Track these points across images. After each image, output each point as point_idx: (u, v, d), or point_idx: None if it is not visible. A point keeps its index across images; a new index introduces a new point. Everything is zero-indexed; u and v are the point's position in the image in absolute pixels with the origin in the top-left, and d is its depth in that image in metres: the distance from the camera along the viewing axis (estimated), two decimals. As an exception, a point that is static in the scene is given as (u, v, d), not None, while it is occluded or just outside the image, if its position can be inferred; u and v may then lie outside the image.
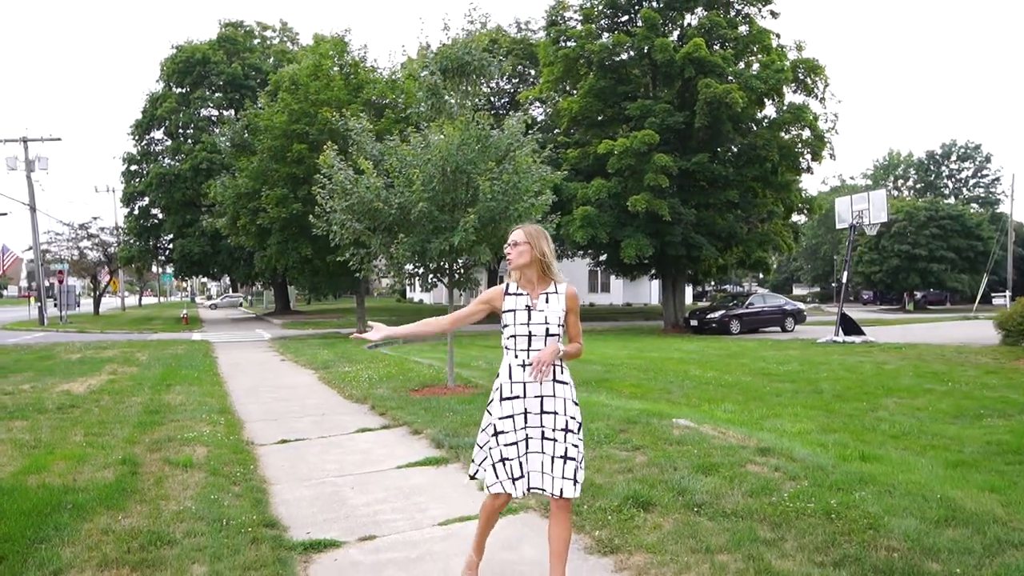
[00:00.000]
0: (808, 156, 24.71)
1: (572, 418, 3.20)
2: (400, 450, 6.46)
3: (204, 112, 38.04)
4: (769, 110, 25.02)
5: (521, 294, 3.26)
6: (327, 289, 24.29)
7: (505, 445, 3.17)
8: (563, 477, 3.10)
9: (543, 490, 3.15)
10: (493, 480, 3.20)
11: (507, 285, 3.31)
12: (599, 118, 25.65)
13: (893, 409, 7.91)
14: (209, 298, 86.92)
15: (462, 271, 9.69)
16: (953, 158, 73.88)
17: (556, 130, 28.30)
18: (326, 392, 10.25)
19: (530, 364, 3.13)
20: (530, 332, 3.20)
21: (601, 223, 22.67)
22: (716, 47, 24.04)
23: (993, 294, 47.34)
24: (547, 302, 3.23)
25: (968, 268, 50.04)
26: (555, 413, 3.19)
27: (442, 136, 8.64)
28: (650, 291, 51.99)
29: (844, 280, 20.04)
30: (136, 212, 38.51)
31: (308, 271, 22.42)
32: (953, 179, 74.50)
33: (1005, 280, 45.43)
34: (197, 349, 17.60)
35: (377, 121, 20.41)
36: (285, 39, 41.13)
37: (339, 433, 7.30)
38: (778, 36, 24.95)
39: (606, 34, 26.05)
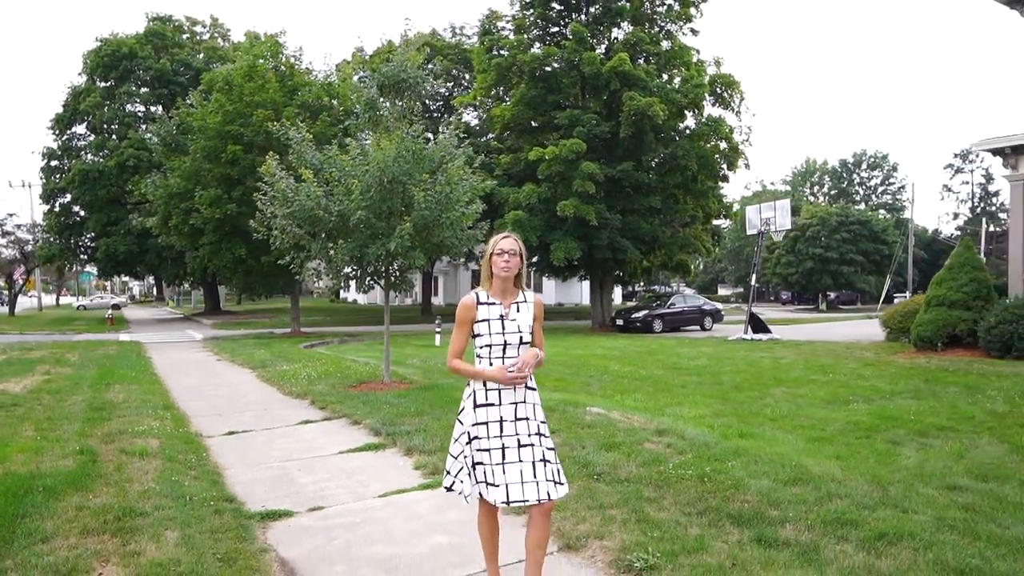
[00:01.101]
0: (724, 166, 26.33)
1: (543, 422, 3.28)
2: (341, 438, 7.11)
3: (130, 107, 37.11)
4: (690, 121, 26.54)
5: (494, 303, 3.24)
6: (262, 289, 24.33)
7: (477, 451, 3.17)
8: (546, 480, 3.13)
9: (526, 501, 3.10)
10: (471, 487, 3.18)
11: (477, 295, 3.27)
12: (531, 124, 26.57)
13: (779, 397, 9.03)
14: (132, 298, 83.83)
15: (398, 274, 10.34)
16: (863, 166, 78.62)
17: (489, 135, 29.12)
18: (266, 389, 10.71)
19: (515, 367, 3.14)
20: (505, 341, 3.20)
21: (532, 227, 23.60)
22: (641, 61, 25.36)
23: (896, 294, 50.82)
24: (519, 311, 3.27)
25: (875, 270, 53.56)
26: (527, 419, 3.22)
27: (379, 148, 9.26)
28: (581, 291, 53.44)
29: (753, 282, 21.67)
30: (57, 209, 37.21)
31: (242, 271, 22.48)
32: (863, 186, 79.25)
33: (906, 281, 48.91)
34: (129, 350, 17.56)
35: (313, 124, 20.76)
36: (216, 35, 40.54)
37: (283, 425, 7.87)
38: (698, 52, 26.51)
39: (538, 44, 27.03)
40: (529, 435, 3.18)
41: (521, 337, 3.22)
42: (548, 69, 24.43)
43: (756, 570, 3.55)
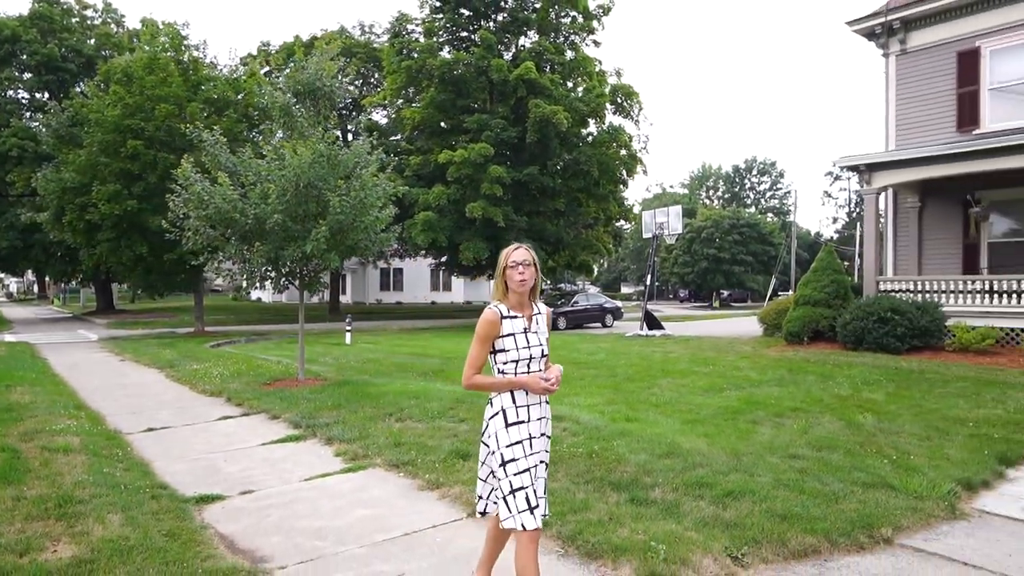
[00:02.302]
0: (624, 172, 27.83)
1: (549, 437, 3.30)
2: (262, 431, 7.53)
3: (12, 94, 34.86)
4: (592, 129, 27.87)
5: (516, 317, 3.15)
6: (163, 288, 23.65)
7: (515, 475, 3.03)
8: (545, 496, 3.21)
9: (546, 515, 3.16)
10: (506, 515, 3.03)
11: (499, 309, 3.13)
12: (441, 126, 27.12)
13: (665, 387, 10.08)
14: (9, 296, 77.92)
15: (311, 275, 10.73)
16: (754, 172, 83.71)
17: (399, 135, 29.42)
18: (178, 388, 10.83)
19: (550, 380, 3.09)
20: (530, 355, 3.13)
21: (441, 227, 24.19)
22: (546, 70, 26.43)
23: (781, 292, 54.56)
24: (537, 324, 3.20)
25: (763, 270, 57.36)
26: (545, 435, 3.22)
27: (296, 154, 9.63)
28: (489, 289, 54.32)
29: (648, 283, 23.18)
30: (-74, 200, 34.43)
31: (142, 270, 21.85)
32: (754, 191, 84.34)
33: (790, 280, 52.64)
34: (20, 351, 16.86)
35: (219, 120, 20.51)
36: (108, 20, 38.57)
37: (202, 421, 8.17)
38: (600, 63, 27.92)
39: (447, 48, 27.61)
40: (546, 451, 3.22)
41: (543, 350, 3.17)
42: (457, 73, 25.06)
43: (628, 522, 4.36)
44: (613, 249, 30.99)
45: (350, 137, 32.61)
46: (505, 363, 3.12)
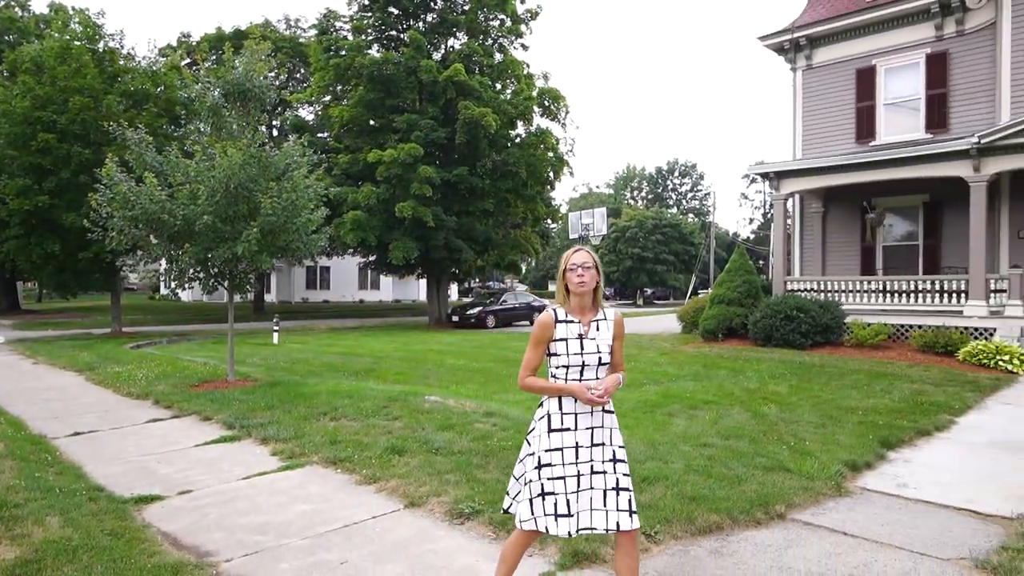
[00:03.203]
0: (551, 174, 28.46)
1: (620, 447, 3.14)
2: (194, 433, 7.56)
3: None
4: (520, 131, 28.38)
5: (572, 321, 3.08)
6: (76, 287, 22.68)
7: (548, 479, 3.01)
8: (618, 510, 3.01)
9: (594, 528, 3.02)
10: (528, 516, 3.02)
11: (555, 312, 3.10)
12: (370, 124, 26.99)
13: (589, 383, 10.60)
14: None
15: (242, 276, 10.71)
16: (676, 174, 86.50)
17: (326, 133, 29.12)
18: (100, 392, 10.59)
19: (596, 391, 2.99)
20: (584, 362, 3.04)
21: (371, 227, 24.16)
22: (476, 72, 26.73)
23: (701, 290, 56.78)
24: (598, 330, 3.10)
25: (684, 269, 59.51)
26: (603, 444, 3.09)
27: (225, 155, 9.61)
28: (418, 288, 54.27)
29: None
30: None
31: (54, 268, 20.92)
32: (675, 192, 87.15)
33: (709, 279, 54.83)
34: (-81, 355, 15.96)
35: (138, 114, 19.88)
36: (12, 4, 36.44)
37: (130, 424, 8.11)
38: (528, 66, 28.41)
39: (376, 47, 27.52)
40: (603, 461, 3.07)
41: (600, 358, 3.05)
42: (387, 73, 25.04)
43: (553, 507, 4.76)
44: (541, 249, 31.61)
45: (275, 133, 32.00)
46: (557, 368, 3.07)
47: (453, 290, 50.70)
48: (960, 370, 11.44)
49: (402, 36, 27.36)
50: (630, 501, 3.03)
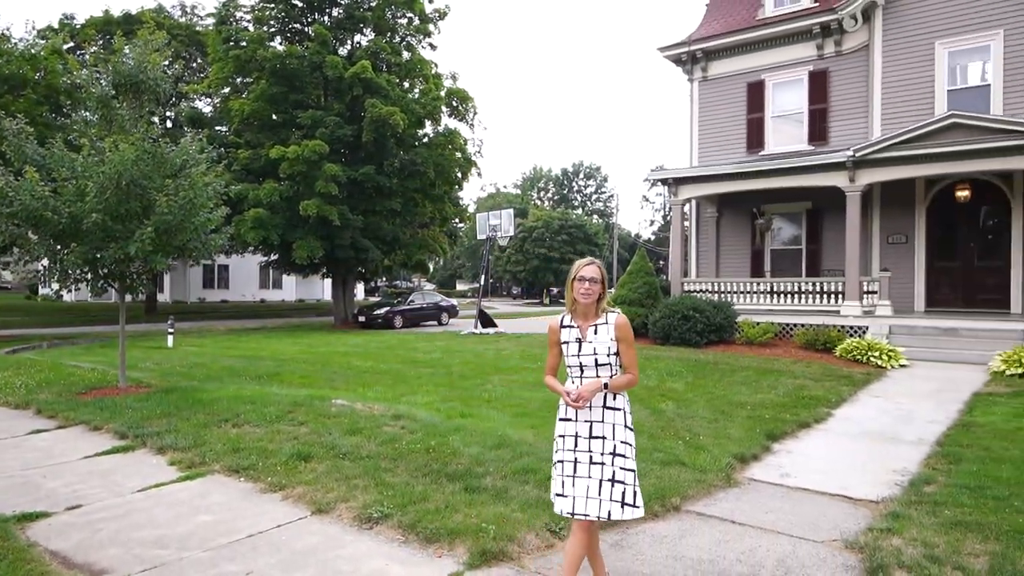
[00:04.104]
0: (459, 174, 28.53)
1: (623, 442, 3.38)
2: (83, 444, 7.16)
3: None
4: (428, 130, 28.29)
5: (573, 326, 3.46)
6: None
7: (556, 462, 3.50)
8: (611, 500, 3.30)
9: (587, 515, 3.30)
10: (552, 495, 3.52)
11: (562, 317, 3.54)
12: (273, 118, 26.14)
13: (497, 383, 10.76)
14: None
15: (135, 277, 10.19)
16: (581, 176, 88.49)
17: (226, 127, 27.98)
18: (-28, 401, 9.82)
19: (571, 395, 3.35)
20: (580, 363, 3.40)
21: (273, 225, 23.43)
22: (383, 69, 26.41)
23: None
24: (596, 333, 3.41)
25: (589, 269, 60.92)
26: (603, 438, 3.36)
27: (116, 150, 9.12)
28: (323, 287, 53.00)
29: (482, 282, 24.08)
30: None
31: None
32: (581, 193, 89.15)
33: (612, 278, 56.50)
34: None
35: (14, 100, 18.48)
36: None
37: (9, 436, 7.57)
38: (436, 65, 28.35)
39: (279, 39, 26.69)
40: (603, 454, 3.34)
41: (597, 359, 3.37)
42: (291, 67, 24.34)
43: (462, 508, 4.85)
44: (448, 248, 31.62)
45: (170, 126, 30.41)
46: (567, 367, 3.50)
47: (359, 289, 49.86)
48: (837, 366, 12.38)
49: (307, 30, 26.66)
50: (623, 493, 3.31)
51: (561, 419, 3.51)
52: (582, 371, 3.41)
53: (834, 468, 6.19)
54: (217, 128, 28.33)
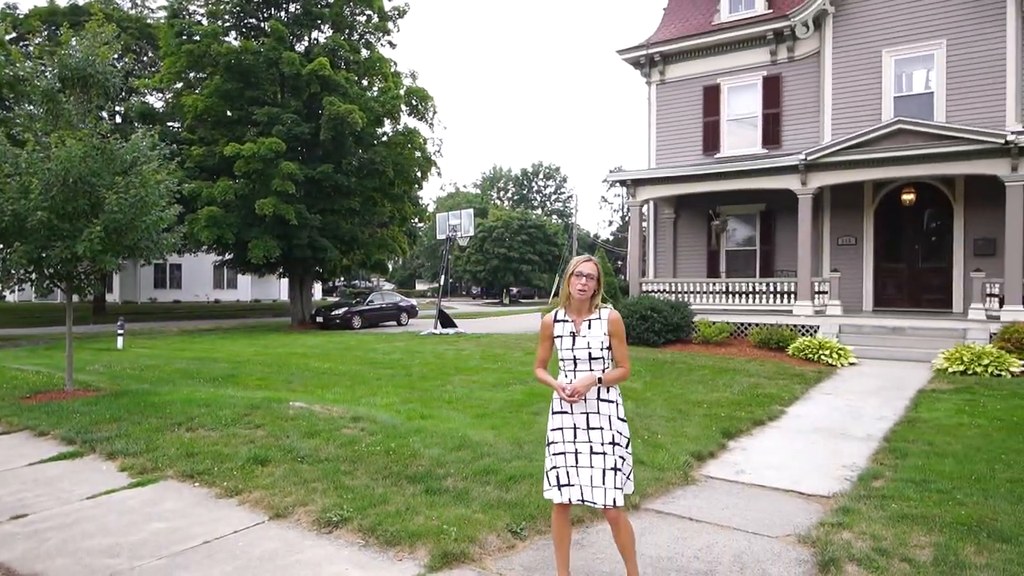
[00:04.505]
0: (419, 173, 28.37)
1: (619, 432, 3.51)
2: (27, 450, 6.92)
3: None
4: (387, 129, 28.05)
5: (567, 321, 3.55)
6: None
7: (554, 454, 3.56)
8: (615, 487, 3.44)
9: (594, 503, 3.45)
10: (547, 487, 3.59)
11: (555, 312, 3.63)
12: (228, 114, 25.59)
13: (457, 383, 10.74)
14: None
15: (83, 277, 9.87)
16: (541, 176, 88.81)
17: (178, 123, 27.30)
18: (-93, 407, 9.39)
19: (567, 390, 3.44)
20: (574, 356, 3.50)
21: (228, 224, 22.95)
22: (341, 67, 26.10)
23: (565, 290, 58.78)
24: (590, 328, 3.50)
25: (548, 268, 61.26)
26: (601, 428, 3.49)
27: (62, 146, 8.83)
28: (279, 287, 52.11)
29: (442, 282, 24.02)
30: None
31: None
32: (540, 194, 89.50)
33: (572, 279, 56.85)
34: None
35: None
36: None
37: (-53, 443, 7.28)
38: (395, 64, 28.13)
39: (234, 33, 26.17)
40: (603, 444, 3.46)
41: (590, 353, 3.47)
42: (246, 63, 23.86)
43: (423, 510, 4.84)
44: (408, 248, 31.39)
45: (120, 121, 29.52)
46: (560, 360, 3.58)
47: (317, 289, 49.16)
48: (790, 364, 12.69)
49: (263, 25, 26.17)
50: (624, 482, 3.50)
51: (556, 412, 3.58)
52: (575, 364, 3.50)
53: (787, 464, 6.35)
54: (169, 124, 27.62)
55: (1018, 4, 14.55)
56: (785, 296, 15.51)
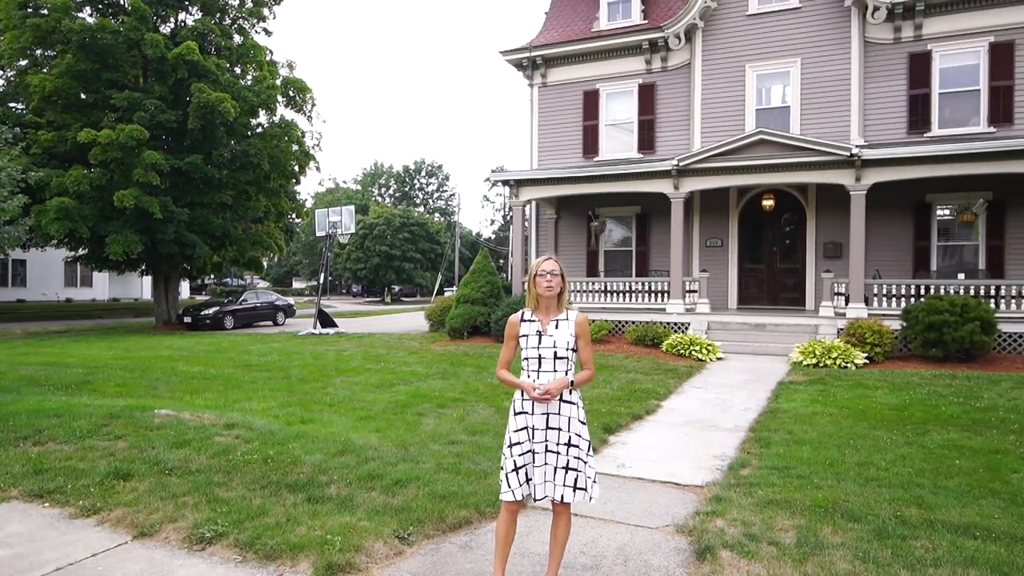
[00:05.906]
0: (296, 167, 27.32)
1: (577, 435, 3.58)
2: None
3: None
4: (263, 120, 26.79)
5: (534, 320, 3.60)
6: None
7: (519, 455, 3.57)
8: (564, 485, 3.54)
9: (545, 497, 3.58)
10: (505, 489, 3.57)
11: (522, 312, 3.66)
12: (82, 97, 23.44)
13: (339, 385, 10.44)
14: None
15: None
16: (423, 174, 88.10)
17: (23, 104, 24.74)
18: None
19: (539, 390, 3.46)
20: (540, 355, 3.53)
21: (82, 216, 21.08)
22: (211, 52, 24.63)
23: (447, 288, 58.68)
24: (556, 328, 3.56)
25: (430, 267, 60.95)
26: (559, 429, 3.56)
27: None
28: (142, 285, 48.57)
29: (321, 281, 23.26)
30: None
31: None
32: (422, 191, 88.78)
33: (455, 277, 56.82)
34: None
35: None
36: None
37: None
38: (271, 52, 26.92)
39: (89, 8, 24.06)
40: (558, 444, 3.54)
41: (556, 352, 3.52)
42: (103, 42, 21.96)
43: (305, 520, 4.65)
44: (284, 245, 30.15)
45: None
46: (523, 359, 3.60)
47: (184, 288, 46.23)
48: (665, 360, 13.32)
49: (123, 2, 24.21)
50: (576, 479, 3.55)
51: (517, 413, 3.59)
52: (540, 364, 3.53)
53: (664, 457, 6.65)
54: (11, 105, 24.97)
55: (860, 30, 16.04)
56: (659, 295, 16.26)
